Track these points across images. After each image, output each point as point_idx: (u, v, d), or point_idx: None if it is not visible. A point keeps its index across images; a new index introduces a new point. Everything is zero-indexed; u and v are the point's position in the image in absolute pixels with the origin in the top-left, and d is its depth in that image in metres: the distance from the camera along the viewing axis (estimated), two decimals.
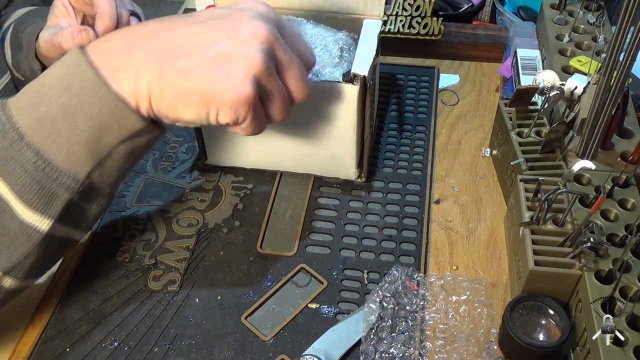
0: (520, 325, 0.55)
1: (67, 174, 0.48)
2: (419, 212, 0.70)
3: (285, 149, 0.71)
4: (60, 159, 0.48)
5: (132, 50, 0.48)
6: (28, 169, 0.48)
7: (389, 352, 0.56)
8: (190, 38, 0.48)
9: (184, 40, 0.48)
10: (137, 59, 0.48)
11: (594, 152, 0.63)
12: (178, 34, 0.49)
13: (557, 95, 0.66)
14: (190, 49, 0.48)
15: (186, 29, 0.49)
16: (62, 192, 0.49)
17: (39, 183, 0.48)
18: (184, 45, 0.48)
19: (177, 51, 0.48)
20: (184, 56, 0.48)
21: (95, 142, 0.49)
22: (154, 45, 0.48)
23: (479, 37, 0.93)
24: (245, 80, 0.48)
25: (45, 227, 0.50)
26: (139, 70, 0.48)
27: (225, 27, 0.49)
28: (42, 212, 0.49)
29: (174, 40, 0.48)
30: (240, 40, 0.48)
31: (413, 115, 0.84)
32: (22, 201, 0.48)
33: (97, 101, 0.47)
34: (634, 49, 0.53)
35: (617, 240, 0.56)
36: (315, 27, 0.70)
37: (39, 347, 0.59)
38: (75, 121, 0.47)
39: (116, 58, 0.48)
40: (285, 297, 0.62)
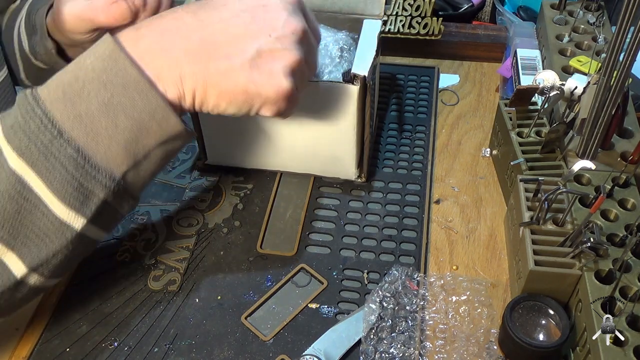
0: (520, 325, 0.55)
1: (105, 172, 0.48)
2: (419, 212, 0.70)
3: (285, 149, 0.71)
4: (99, 156, 0.48)
5: (172, 51, 0.49)
6: (68, 166, 0.47)
7: (389, 352, 0.56)
8: (229, 36, 0.49)
9: (223, 38, 0.49)
10: (179, 61, 0.49)
11: (594, 152, 0.63)
12: (216, 32, 0.49)
13: (557, 95, 0.66)
14: (230, 48, 0.49)
15: (223, 26, 0.49)
16: (99, 191, 0.49)
17: (78, 180, 0.47)
18: (223, 44, 0.49)
19: (218, 51, 0.49)
20: (226, 56, 0.49)
21: (134, 142, 0.49)
22: (194, 46, 0.49)
23: (479, 37, 0.93)
24: (286, 77, 0.50)
25: (79, 226, 0.49)
26: (182, 72, 0.49)
27: (262, 22, 0.49)
28: (78, 210, 0.49)
29: (214, 40, 0.49)
30: (278, 36, 0.49)
31: (413, 115, 0.84)
32: (59, 198, 0.48)
33: (140, 101, 0.48)
34: (634, 49, 0.53)
35: (617, 240, 0.56)
36: None
37: (39, 347, 0.59)
38: (116, 119, 0.47)
39: (158, 59, 0.48)
40: (285, 297, 0.62)
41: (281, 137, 0.69)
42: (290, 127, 0.68)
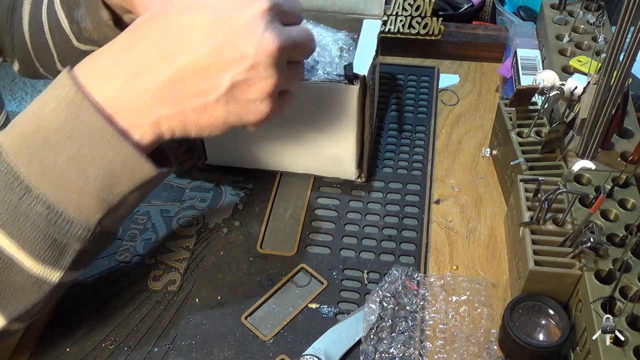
0: (520, 325, 0.55)
1: (79, 224, 0.46)
2: (419, 212, 0.70)
3: (285, 149, 0.71)
4: (71, 209, 0.46)
5: (143, 96, 0.46)
6: (39, 223, 0.45)
7: (389, 352, 0.56)
8: (198, 71, 0.45)
9: (193, 74, 0.45)
10: (152, 106, 0.46)
11: (594, 152, 0.63)
12: (185, 68, 0.45)
13: (557, 95, 0.66)
14: (202, 84, 0.46)
15: (191, 59, 0.45)
16: (74, 243, 0.47)
17: (51, 237, 0.46)
18: (194, 81, 0.46)
19: (191, 89, 0.46)
20: (199, 93, 0.46)
21: (107, 191, 0.46)
22: (165, 88, 0.46)
23: (479, 37, 0.93)
24: (265, 101, 0.48)
25: (56, 278, 0.48)
26: (158, 117, 0.46)
27: (231, 50, 0.45)
28: (54, 265, 0.47)
29: (184, 78, 0.45)
30: (251, 64, 0.45)
31: (413, 115, 0.84)
32: (33, 257, 0.46)
33: (111, 152, 0.45)
34: (634, 49, 0.53)
35: (617, 240, 0.56)
36: (315, 27, 0.70)
37: (39, 347, 0.58)
38: (86, 171, 0.45)
39: (130, 107, 0.46)
40: (285, 297, 0.62)
41: (281, 137, 0.69)
42: (290, 127, 0.68)
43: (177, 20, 0.46)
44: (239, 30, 0.45)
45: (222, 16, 0.45)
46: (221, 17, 0.45)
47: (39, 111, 0.45)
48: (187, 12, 0.46)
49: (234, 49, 0.45)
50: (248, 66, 0.45)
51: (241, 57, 0.45)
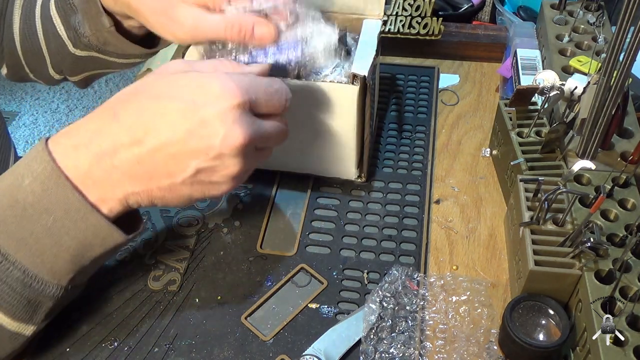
0: (520, 325, 0.55)
1: (52, 285, 0.51)
2: (419, 212, 0.70)
3: (285, 149, 0.71)
4: (45, 272, 0.50)
5: (113, 175, 0.49)
6: (15, 287, 0.49)
7: (389, 352, 0.56)
8: (167, 156, 0.49)
9: (162, 159, 0.49)
10: (121, 183, 0.50)
11: (594, 152, 0.63)
12: (154, 152, 0.48)
13: (557, 95, 0.66)
14: (170, 167, 0.49)
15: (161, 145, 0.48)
16: (47, 301, 0.52)
17: (26, 298, 0.50)
18: (163, 164, 0.49)
19: (158, 171, 0.49)
20: (167, 175, 0.50)
21: (80, 256, 0.51)
22: (134, 168, 0.49)
23: (479, 37, 0.93)
24: (228, 184, 0.52)
25: (29, 332, 0.53)
26: (126, 193, 0.50)
27: (199, 140, 0.48)
28: (28, 321, 0.52)
29: (153, 161, 0.49)
30: (215, 155, 0.49)
31: (413, 115, 0.84)
32: (9, 316, 0.51)
33: (83, 224, 0.49)
34: (634, 49, 0.53)
35: (617, 240, 0.56)
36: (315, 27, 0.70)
37: (39, 347, 0.58)
38: (60, 240, 0.49)
39: (100, 185, 0.49)
40: (285, 297, 0.62)
41: None
42: (290, 127, 0.68)
43: (151, 106, 0.49)
44: (208, 121, 0.48)
45: (194, 107, 0.48)
46: (193, 108, 0.48)
47: (16, 183, 0.49)
48: (161, 99, 0.49)
49: (201, 139, 0.48)
50: (213, 156, 0.49)
51: (207, 147, 0.48)
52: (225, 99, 0.48)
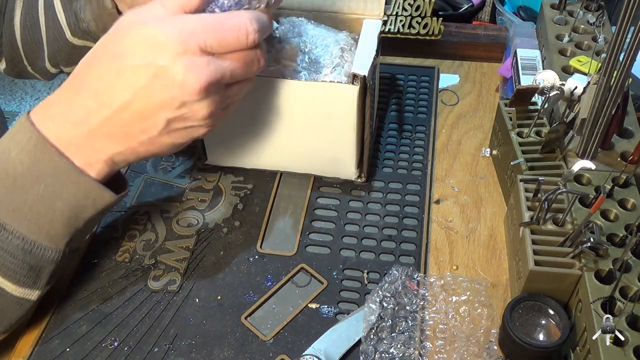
0: (520, 325, 0.55)
1: (51, 249, 0.53)
2: (419, 212, 0.70)
3: (285, 149, 0.71)
4: (43, 238, 0.52)
5: (94, 141, 0.51)
6: (17, 254, 0.51)
7: (389, 352, 0.56)
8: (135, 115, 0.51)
9: (131, 118, 0.51)
10: (104, 147, 0.52)
11: (594, 152, 0.63)
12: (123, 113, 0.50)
13: (557, 95, 0.66)
14: (143, 124, 0.51)
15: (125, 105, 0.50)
16: (48, 265, 0.54)
17: (28, 264, 0.52)
18: (135, 122, 0.51)
19: (133, 129, 0.51)
20: (142, 131, 0.52)
21: (74, 219, 0.53)
22: (111, 130, 0.51)
23: (479, 37, 0.93)
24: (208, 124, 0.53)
25: (34, 296, 0.55)
26: (110, 155, 0.53)
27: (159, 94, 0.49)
28: (32, 286, 0.54)
29: (126, 121, 0.51)
30: (180, 103, 0.50)
31: (413, 115, 0.84)
32: (13, 282, 0.53)
33: (73, 187, 0.52)
34: (634, 49, 0.53)
35: (617, 240, 0.56)
36: (316, 27, 0.70)
37: (39, 347, 0.58)
38: (54, 205, 0.51)
39: (83, 150, 0.52)
40: (285, 297, 0.62)
41: (281, 137, 0.69)
42: (290, 127, 0.68)
43: (109, 68, 0.50)
44: (162, 73, 0.48)
45: (145, 62, 0.49)
46: (145, 63, 0.49)
47: (3, 157, 0.51)
48: (116, 59, 0.50)
49: (161, 92, 0.49)
50: (177, 105, 0.50)
51: (169, 99, 0.49)
52: (171, 47, 0.48)
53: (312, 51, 0.68)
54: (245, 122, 0.68)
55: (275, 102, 0.65)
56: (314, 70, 0.67)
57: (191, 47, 0.49)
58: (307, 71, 0.67)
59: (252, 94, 0.65)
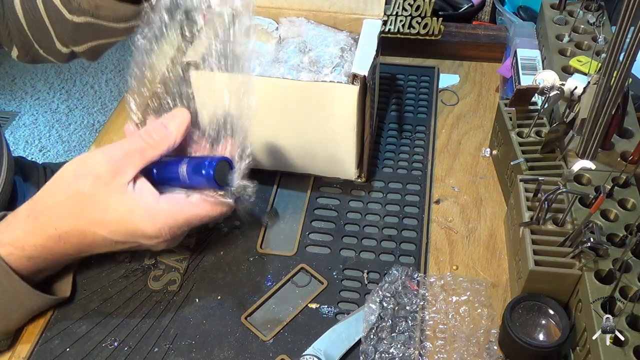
0: (520, 325, 0.55)
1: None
2: (419, 212, 0.70)
3: (285, 149, 0.71)
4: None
5: None
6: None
7: (389, 352, 0.56)
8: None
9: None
10: None
11: (594, 152, 0.63)
12: None
13: (557, 95, 0.66)
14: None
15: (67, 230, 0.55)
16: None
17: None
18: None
19: None
20: None
21: None
22: None
23: (479, 37, 0.93)
24: None
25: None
26: None
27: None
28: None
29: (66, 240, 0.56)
30: None
31: (413, 115, 0.84)
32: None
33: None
34: (634, 49, 0.53)
35: (617, 240, 0.56)
36: (316, 27, 0.70)
37: (39, 347, 0.58)
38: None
39: None
40: (285, 297, 0.62)
41: (281, 137, 0.69)
42: (290, 127, 0.68)
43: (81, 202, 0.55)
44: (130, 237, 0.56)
45: None
46: None
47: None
48: None
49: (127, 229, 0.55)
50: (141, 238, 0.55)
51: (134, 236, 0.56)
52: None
53: (312, 51, 0.68)
54: None
55: (275, 102, 0.65)
56: (314, 70, 0.67)
57: None
58: (307, 71, 0.67)
59: None
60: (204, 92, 0.65)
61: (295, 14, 0.72)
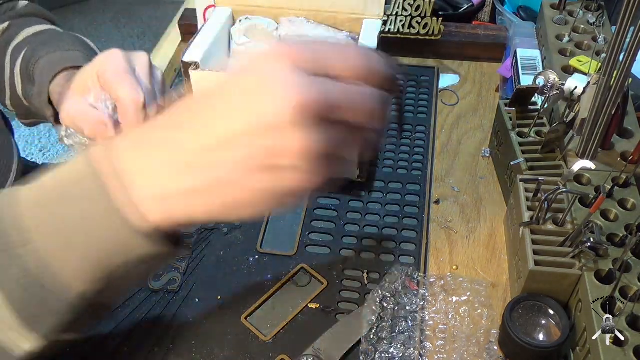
0: (520, 325, 0.55)
1: (65, 290, 0.41)
2: (419, 212, 0.70)
3: None
4: (63, 273, 0.41)
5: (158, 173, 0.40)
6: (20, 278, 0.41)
7: (389, 352, 0.56)
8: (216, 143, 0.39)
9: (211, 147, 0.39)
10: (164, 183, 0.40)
11: (594, 152, 0.63)
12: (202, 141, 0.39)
13: (557, 95, 0.66)
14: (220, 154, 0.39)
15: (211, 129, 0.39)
16: (54, 304, 0.42)
17: (37, 296, 0.41)
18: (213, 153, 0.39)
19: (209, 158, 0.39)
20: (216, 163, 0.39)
21: (98, 262, 0.41)
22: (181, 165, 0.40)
23: (479, 37, 0.93)
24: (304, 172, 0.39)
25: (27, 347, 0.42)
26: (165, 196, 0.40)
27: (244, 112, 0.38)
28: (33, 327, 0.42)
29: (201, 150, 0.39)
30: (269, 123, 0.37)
31: (413, 115, 0.84)
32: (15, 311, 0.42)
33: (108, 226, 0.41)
34: (634, 49, 0.53)
35: (617, 240, 0.55)
36: (315, 27, 0.70)
37: None
38: (75, 239, 0.41)
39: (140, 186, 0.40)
40: (285, 297, 0.62)
41: None
42: None
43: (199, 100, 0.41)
44: (252, 85, 0.38)
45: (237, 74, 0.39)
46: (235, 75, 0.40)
47: (58, 174, 0.42)
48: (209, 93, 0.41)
49: (246, 108, 0.38)
50: (264, 128, 0.37)
51: (258, 117, 0.37)
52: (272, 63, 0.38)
53: None
54: None
55: None
56: None
57: (291, 55, 0.38)
58: None
59: None
60: None
61: (295, 14, 0.72)
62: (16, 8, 0.83)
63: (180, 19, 0.99)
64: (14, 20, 0.80)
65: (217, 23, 0.70)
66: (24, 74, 0.73)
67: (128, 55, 0.65)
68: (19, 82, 0.74)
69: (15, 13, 0.82)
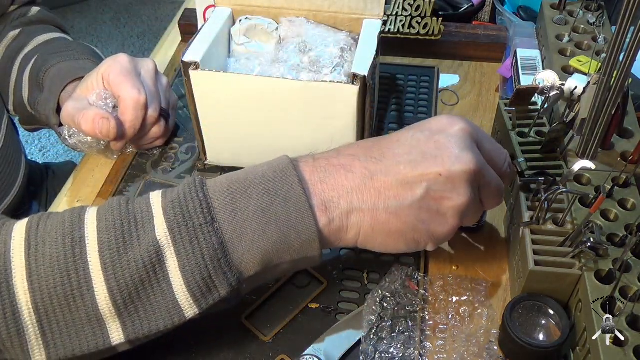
0: (520, 325, 0.55)
1: (236, 272, 0.48)
2: None
3: (285, 149, 0.71)
4: (236, 255, 0.48)
5: (343, 186, 0.50)
6: (206, 254, 0.47)
7: (389, 352, 0.56)
8: (399, 176, 0.50)
9: (393, 179, 0.50)
10: (349, 196, 0.50)
11: (594, 152, 0.63)
12: (387, 171, 0.50)
13: (557, 95, 0.66)
14: (400, 189, 0.50)
15: (393, 164, 0.50)
16: (222, 289, 0.48)
17: (209, 272, 0.47)
18: (394, 184, 0.50)
19: (388, 191, 0.50)
20: (395, 196, 0.50)
21: (272, 253, 0.49)
22: (365, 184, 0.50)
23: (479, 37, 0.93)
24: (454, 218, 0.51)
25: (190, 314, 0.49)
26: (350, 208, 0.50)
27: (432, 161, 0.50)
28: (197, 300, 0.48)
29: (385, 180, 0.50)
30: (448, 176, 0.49)
31: (413, 115, 0.83)
32: (185, 283, 0.47)
33: (295, 218, 0.48)
34: (634, 49, 0.53)
35: (617, 240, 0.55)
36: (315, 27, 0.70)
37: None
38: (266, 227, 0.48)
39: (329, 191, 0.50)
40: (285, 297, 0.62)
41: (281, 137, 0.69)
42: (290, 127, 0.68)
43: (390, 136, 0.53)
44: (442, 146, 0.50)
45: (427, 134, 0.51)
46: (426, 134, 0.51)
47: (251, 169, 0.51)
48: (399, 132, 0.54)
49: (435, 162, 0.50)
50: (445, 178, 0.49)
51: (441, 168, 0.49)
52: (456, 124, 0.51)
53: (312, 51, 0.68)
54: (246, 122, 0.68)
55: (275, 102, 0.65)
56: (314, 70, 0.67)
57: (475, 133, 0.52)
58: (307, 71, 0.67)
59: (252, 94, 0.65)
60: (204, 92, 0.66)
61: (295, 14, 0.72)
62: (28, 14, 0.83)
63: (180, 18, 0.99)
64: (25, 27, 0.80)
65: (217, 23, 0.70)
66: (33, 81, 0.73)
67: (135, 60, 0.67)
68: (26, 90, 0.74)
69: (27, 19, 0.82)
